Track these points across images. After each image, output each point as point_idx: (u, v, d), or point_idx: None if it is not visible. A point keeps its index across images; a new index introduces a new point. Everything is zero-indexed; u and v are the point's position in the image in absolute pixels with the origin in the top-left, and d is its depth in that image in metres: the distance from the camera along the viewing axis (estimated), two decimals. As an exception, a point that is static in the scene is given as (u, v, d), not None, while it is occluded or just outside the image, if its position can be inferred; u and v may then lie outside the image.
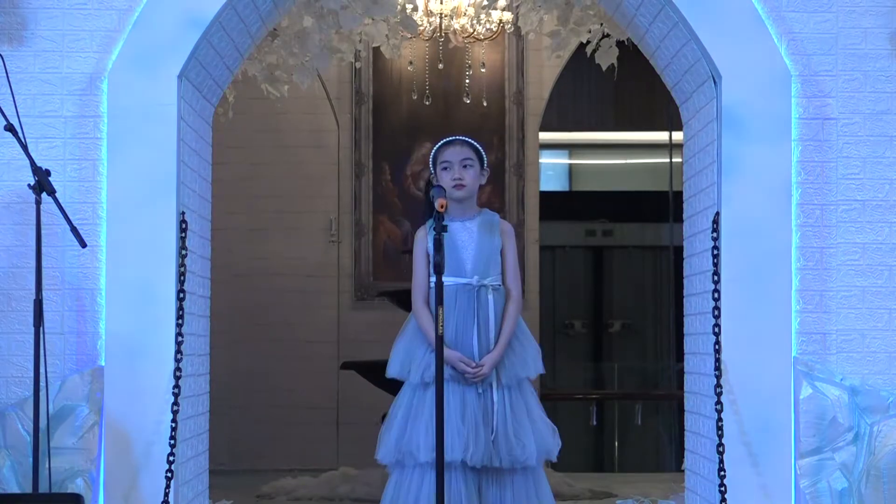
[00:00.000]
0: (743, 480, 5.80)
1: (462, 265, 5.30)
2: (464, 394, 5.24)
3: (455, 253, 5.28)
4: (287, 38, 7.17)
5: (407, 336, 5.39)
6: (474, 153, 5.38)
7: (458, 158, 5.35)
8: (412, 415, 5.26)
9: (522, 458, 5.23)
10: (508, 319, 5.32)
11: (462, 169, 5.34)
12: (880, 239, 5.99)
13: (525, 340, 5.39)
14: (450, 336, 5.23)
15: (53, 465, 5.62)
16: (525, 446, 5.24)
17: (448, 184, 5.29)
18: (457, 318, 5.27)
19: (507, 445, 5.21)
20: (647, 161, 14.32)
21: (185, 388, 5.90)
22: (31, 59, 5.96)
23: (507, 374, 5.29)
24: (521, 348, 5.36)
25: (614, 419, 13.43)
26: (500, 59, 11.02)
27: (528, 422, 5.29)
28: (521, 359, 5.34)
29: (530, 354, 5.37)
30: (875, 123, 6.01)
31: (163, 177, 5.89)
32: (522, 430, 5.26)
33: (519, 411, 5.29)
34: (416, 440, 5.19)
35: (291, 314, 11.00)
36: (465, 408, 5.22)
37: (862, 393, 5.88)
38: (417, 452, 5.17)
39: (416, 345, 5.33)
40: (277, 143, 11.02)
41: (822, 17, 6.02)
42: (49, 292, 5.78)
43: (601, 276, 14.17)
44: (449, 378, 5.19)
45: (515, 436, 5.23)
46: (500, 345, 5.27)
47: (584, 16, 7.28)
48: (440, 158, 5.38)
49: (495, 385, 5.26)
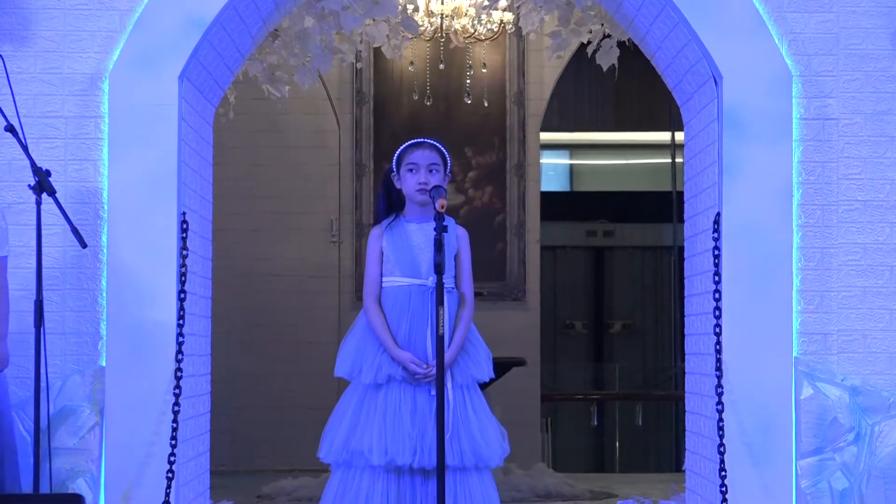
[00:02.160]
0: (744, 481, 5.80)
1: (417, 266, 5.25)
2: (414, 395, 5.19)
3: (411, 254, 5.24)
4: (288, 38, 7.17)
5: (356, 335, 5.31)
6: (440, 158, 5.33)
7: (425, 162, 5.29)
8: (363, 415, 5.19)
9: (487, 457, 5.19)
10: (462, 323, 5.27)
11: (428, 173, 5.28)
12: (881, 239, 5.99)
13: (477, 344, 5.34)
14: (403, 337, 5.20)
15: (54, 466, 5.63)
16: (490, 445, 5.21)
17: (412, 187, 5.24)
18: (410, 319, 5.22)
19: (472, 444, 5.17)
20: (647, 161, 14.33)
21: (185, 388, 5.90)
22: (31, 59, 5.97)
23: (462, 375, 5.24)
24: (473, 351, 5.32)
25: (615, 420, 13.43)
26: (500, 59, 11.02)
27: (488, 423, 5.26)
28: (475, 360, 5.30)
29: (483, 358, 5.33)
30: (876, 124, 6.01)
31: (164, 177, 5.89)
32: (485, 429, 5.22)
33: (479, 411, 5.25)
34: (368, 441, 5.13)
35: (292, 315, 11.00)
36: (415, 409, 5.17)
37: (863, 393, 5.88)
38: (370, 454, 5.11)
39: (367, 344, 5.26)
40: (278, 144, 11.04)
41: (823, 17, 6.02)
42: (50, 293, 5.80)
43: (602, 277, 14.18)
44: (400, 379, 5.17)
45: (480, 435, 5.19)
46: (453, 346, 5.21)
47: (585, 16, 7.28)
48: (407, 159, 5.31)
49: (450, 384, 5.20)
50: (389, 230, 5.29)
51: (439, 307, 4.85)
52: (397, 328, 5.20)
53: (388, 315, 5.24)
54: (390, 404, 5.14)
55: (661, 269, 13.92)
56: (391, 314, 5.22)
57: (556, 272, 13.91)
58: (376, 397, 5.19)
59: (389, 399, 5.15)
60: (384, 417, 5.14)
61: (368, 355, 5.24)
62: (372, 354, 5.23)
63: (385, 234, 5.29)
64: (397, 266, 5.23)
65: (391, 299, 5.24)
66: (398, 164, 5.33)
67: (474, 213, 10.97)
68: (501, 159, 11.13)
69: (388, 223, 5.31)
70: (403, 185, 5.29)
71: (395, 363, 5.15)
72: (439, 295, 4.86)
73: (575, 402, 13.36)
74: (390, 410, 5.12)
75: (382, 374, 5.18)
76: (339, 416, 5.26)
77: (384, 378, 5.18)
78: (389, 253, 5.26)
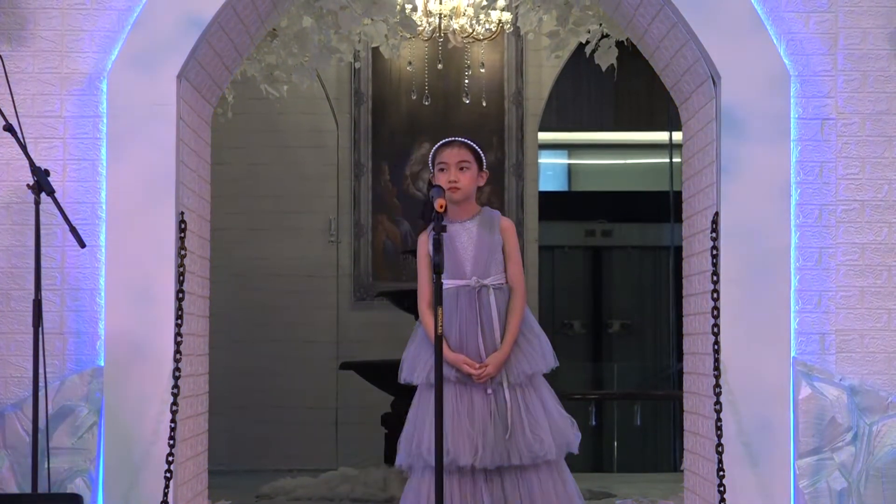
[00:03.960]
0: (742, 480, 5.81)
1: (461, 267, 5.29)
2: (471, 395, 5.23)
3: (454, 255, 5.27)
4: (286, 38, 7.18)
5: (416, 341, 5.40)
6: (472, 155, 5.36)
7: (454, 160, 5.32)
8: (419, 417, 5.27)
9: (541, 453, 5.22)
10: (513, 317, 5.30)
11: (458, 171, 5.31)
12: (879, 239, 5.99)
13: (532, 336, 5.36)
14: (454, 339, 5.23)
15: (53, 466, 5.64)
16: (543, 441, 5.22)
17: (444, 186, 5.26)
18: (460, 320, 5.26)
19: (525, 442, 5.20)
20: (645, 161, 14.34)
21: (184, 388, 5.91)
22: (30, 59, 5.97)
23: (514, 373, 5.27)
24: (527, 345, 5.33)
25: (613, 419, 13.43)
26: (499, 59, 11.04)
27: (544, 416, 5.28)
28: (528, 355, 5.31)
29: (538, 350, 5.35)
30: (874, 124, 6.01)
31: (162, 177, 5.89)
32: (538, 425, 5.24)
33: (533, 407, 5.27)
34: (428, 443, 5.17)
35: (291, 314, 11.02)
36: (473, 410, 5.21)
37: (861, 393, 5.89)
38: (428, 456, 5.15)
39: (424, 348, 5.32)
40: (276, 144, 11.05)
41: (821, 17, 6.02)
42: (48, 292, 5.80)
43: (600, 277, 14.18)
44: (455, 380, 5.20)
45: (532, 432, 5.22)
46: (505, 343, 5.25)
47: (584, 16, 7.28)
48: (437, 159, 5.37)
49: (505, 384, 5.24)
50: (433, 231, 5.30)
51: (438, 308, 4.84)
52: (448, 331, 5.22)
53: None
54: (447, 406, 5.14)
55: (659, 269, 13.93)
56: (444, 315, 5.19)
57: (554, 272, 13.91)
58: (430, 398, 5.17)
59: (446, 400, 5.13)
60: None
61: (423, 358, 5.29)
62: (426, 356, 5.26)
63: (430, 238, 5.28)
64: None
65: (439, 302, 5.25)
66: (433, 166, 5.38)
67: (473, 213, 10.96)
68: (500, 159, 11.13)
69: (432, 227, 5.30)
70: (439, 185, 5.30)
71: (448, 365, 5.16)
72: (438, 295, 4.86)
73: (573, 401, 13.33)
74: (447, 411, 5.12)
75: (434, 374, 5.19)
76: (408, 421, 5.33)
77: None
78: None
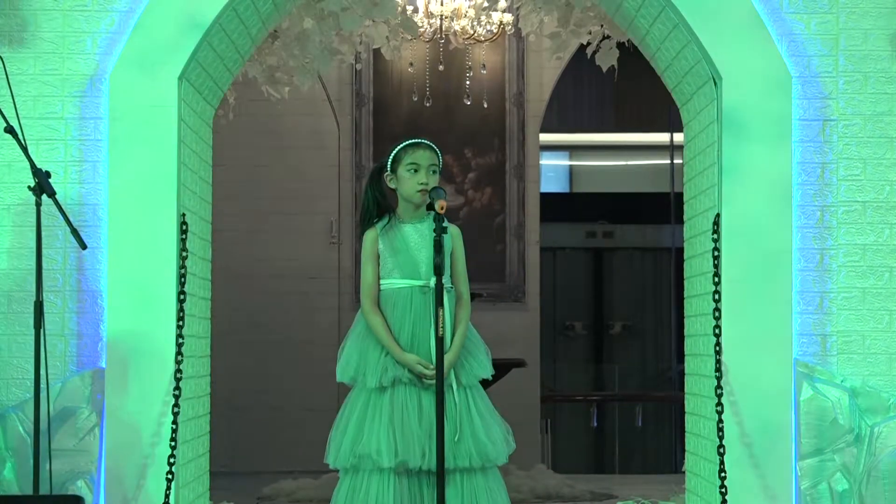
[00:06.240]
0: (744, 482, 5.82)
1: (417, 267, 5.22)
2: (419, 397, 5.17)
3: (409, 255, 5.21)
4: (287, 39, 7.17)
5: (357, 340, 5.28)
6: (438, 159, 5.29)
7: (427, 163, 5.24)
8: (369, 418, 5.17)
9: (493, 456, 5.19)
10: (461, 322, 5.24)
11: (430, 174, 5.25)
12: (881, 240, 6.01)
13: (476, 342, 5.33)
14: (406, 339, 5.17)
15: (54, 467, 5.65)
16: (496, 444, 5.20)
17: (413, 187, 5.19)
18: (413, 321, 5.19)
19: (476, 444, 5.16)
20: (646, 163, 14.37)
21: (185, 389, 5.92)
22: (31, 60, 5.98)
23: (467, 375, 5.23)
24: (474, 349, 5.30)
25: (615, 421, 13.47)
26: (500, 60, 11.05)
27: (493, 421, 5.25)
28: (477, 359, 5.29)
29: (483, 356, 5.32)
30: (875, 125, 6.02)
31: (163, 178, 5.90)
32: (490, 429, 5.22)
33: (483, 411, 5.24)
34: (377, 444, 5.10)
35: (292, 316, 11.02)
36: (420, 411, 5.16)
37: (862, 394, 5.90)
38: (378, 457, 5.09)
39: (369, 348, 5.24)
40: (278, 145, 11.06)
41: (823, 18, 6.04)
42: (50, 294, 5.82)
43: (601, 278, 14.21)
44: (407, 381, 5.15)
45: (486, 434, 5.18)
46: (455, 346, 5.19)
47: (585, 17, 7.28)
48: (407, 159, 5.25)
49: (455, 386, 5.20)
50: (385, 232, 5.24)
51: (438, 308, 4.85)
52: (399, 331, 5.17)
53: (388, 318, 5.20)
54: (397, 406, 5.11)
55: (660, 270, 13.95)
56: (392, 317, 5.18)
57: (555, 273, 13.93)
58: (381, 400, 5.16)
59: (396, 401, 5.12)
60: (391, 420, 5.12)
61: (371, 359, 5.21)
62: (375, 358, 5.20)
63: (380, 236, 5.25)
64: (396, 268, 5.20)
65: (391, 302, 5.21)
66: (395, 164, 5.29)
67: (474, 215, 10.99)
68: (501, 160, 11.15)
69: (383, 225, 5.26)
70: (400, 185, 5.23)
71: (400, 365, 5.14)
72: (439, 296, 4.86)
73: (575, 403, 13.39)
74: (397, 413, 5.10)
75: (388, 376, 5.15)
76: (344, 420, 5.22)
77: (389, 381, 5.15)
78: (387, 255, 5.22)
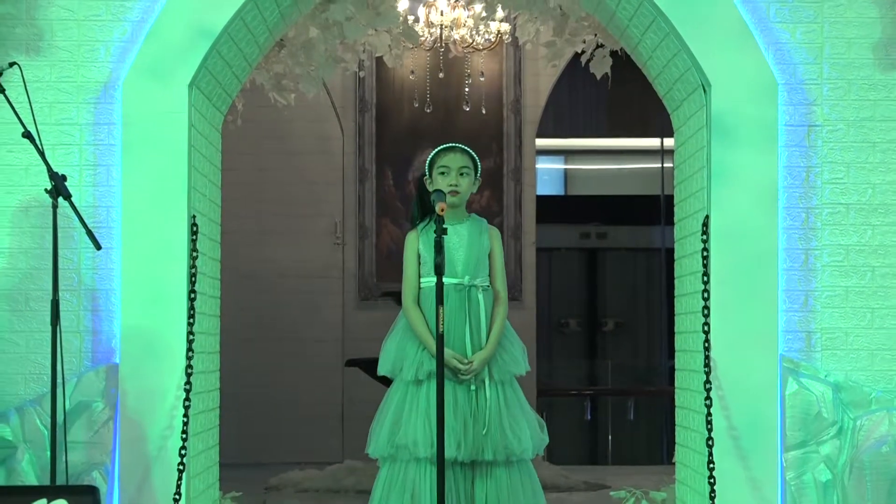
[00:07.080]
0: (731, 473, 5.86)
1: (454, 266, 5.37)
2: (454, 391, 5.30)
3: (447, 254, 5.33)
4: (294, 48, 7.18)
5: (397, 335, 5.45)
6: (471, 162, 5.46)
7: (456, 165, 5.42)
8: (406, 410, 5.32)
9: (518, 451, 5.32)
10: (498, 319, 5.41)
11: (459, 176, 5.42)
12: (863, 241, 6.05)
13: (513, 340, 5.48)
14: None
15: (70, 459, 5.71)
16: (521, 440, 5.32)
17: (444, 189, 5.34)
18: (449, 317, 5.32)
19: (503, 439, 5.28)
20: (638, 166, 14.43)
21: (196, 384, 5.97)
22: (47, 68, 6.02)
23: (500, 371, 5.37)
24: (510, 346, 5.45)
25: (608, 414, 13.51)
26: (498, 68, 11.12)
27: (523, 416, 5.38)
28: (512, 356, 5.42)
29: (519, 353, 5.47)
30: (859, 130, 6.05)
31: (174, 182, 5.94)
32: (517, 424, 5.34)
33: (513, 406, 5.37)
34: (413, 435, 5.25)
35: (298, 314, 11.05)
36: (455, 405, 5.28)
37: (845, 389, 5.94)
38: (415, 447, 5.23)
39: (408, 343, 5.40)
40: (284, 150, 11.10)
41: (808, 27, 6.06)
42: (66, 293, 5.85)
43: (595, 277, 14.27)
44: None
45: (511, 430, 5.31)
46: (490, 343, 5.35)
47: (579, 27, 7.25)
48: (438, 162, 5.45)
49: (488, 381, 5.33)
50: (425, 233, 5.39)
51: (439, 307, 4.92)
52: None
53: (427, 314, 5.34)
54: (432, 400, 5.20)
55: (652, 270, 14.01)
56: (430, 313, 5.28)
57: (551, 273, 13.98)
58: (418, 394, 5.30)
59: (431, 395, 5.22)
60: (427, 412, 5.24)
61: (409, 353, 5.37)
62: (413, 353, 5.36)
63: (421, 237, 5.41)
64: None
65: (430, 299, 5.33)
66: (430, 168, 5.46)
67: (472, 217, 11.06)
68: (499, 164, 11.21)
69: (423, 227, 5.42)
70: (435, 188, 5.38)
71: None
72: (439, 295, 4.93)
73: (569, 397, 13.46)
74: (433, 405, 5.18)
75: (423, 370, 5.31)
76: (383, 413, 5.38)
77: (425, 374, 5.29)
78: (426, 255, 5.37)
